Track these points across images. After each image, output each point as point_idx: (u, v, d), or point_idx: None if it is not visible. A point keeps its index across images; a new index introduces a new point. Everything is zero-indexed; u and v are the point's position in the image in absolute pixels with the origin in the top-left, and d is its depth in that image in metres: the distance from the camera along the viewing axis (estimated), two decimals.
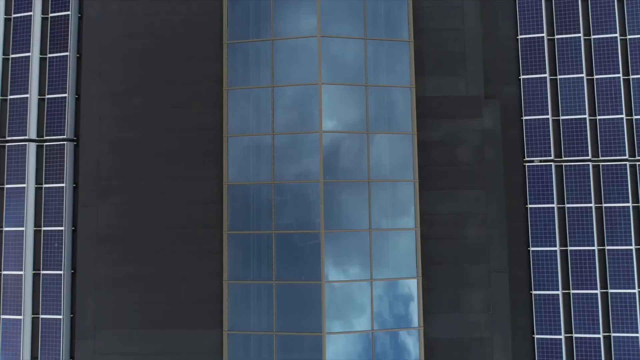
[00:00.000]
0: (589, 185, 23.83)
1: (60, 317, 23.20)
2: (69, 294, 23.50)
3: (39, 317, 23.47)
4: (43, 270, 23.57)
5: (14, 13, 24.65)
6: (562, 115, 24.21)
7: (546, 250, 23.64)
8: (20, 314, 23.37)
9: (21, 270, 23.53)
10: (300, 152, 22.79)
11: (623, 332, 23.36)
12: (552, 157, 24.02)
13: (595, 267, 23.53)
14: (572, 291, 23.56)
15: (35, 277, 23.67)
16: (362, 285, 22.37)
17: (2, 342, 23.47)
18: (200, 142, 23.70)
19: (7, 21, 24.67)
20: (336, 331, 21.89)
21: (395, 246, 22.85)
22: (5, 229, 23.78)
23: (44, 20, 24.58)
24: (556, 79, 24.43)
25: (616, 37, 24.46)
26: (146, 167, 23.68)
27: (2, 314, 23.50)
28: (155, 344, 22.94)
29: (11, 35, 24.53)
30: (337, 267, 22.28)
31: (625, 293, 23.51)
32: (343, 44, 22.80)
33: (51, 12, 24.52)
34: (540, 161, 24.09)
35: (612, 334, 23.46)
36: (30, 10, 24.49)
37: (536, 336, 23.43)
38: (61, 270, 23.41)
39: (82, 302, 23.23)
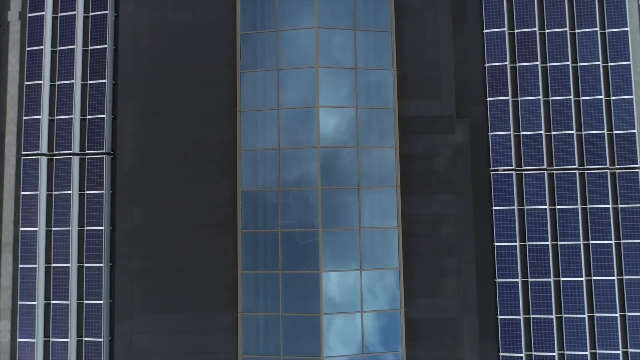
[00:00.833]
0: (544, 190, 28.61)
1: (101, 302, 28.04)
2: (108, 283, 28.34)
3: (83, 303, 28.35)
4: (86, 263, 28.43)
5: (60, 46, 29.47)
6: (522, 131, 29.00)
7: (508, 245, 28.44)
8: (67, 300, 28.24)
9: (68, 263, 28.38)
10: (302, 160, 27.61)
11: (572, 313, 28.13)
12: (513, 167, 28.83)
13: (549, 259, 28.34)
14: (529, 279, 28.37)
15: (80, 269, 28.54)
16: (354, 275, 27.18)
17: (53, 324, 28.31)
18: (217, 155, 28.52)
19: (53, 53, 29.49)
20: (331, 312, 26.70)
21: (381, 242, 27.67)
22: (54, 228, 28.63)
23: (84, 52, 29.39)
24: (517, 100, 29.22)
25: (568, 65, 29.23)
26: (171, 175, 28.50)
27: (52, 300, 28.38)
28: (181, 324, 27.77)
29: (57, 65, 29.35)
30: (333, 260, 27.08)
31: (574, 281, 28.29)
32: (338, 75, 27.58)
33: (91, 45, 29.33)
34: (504, 170, 28.89)
35: (564, 315, 28.26)
36: (73, 44, 29.29)
37: (499, 317, 28.23)
38: (101, 262, 28.26)
39: (119, 289, 28.09)
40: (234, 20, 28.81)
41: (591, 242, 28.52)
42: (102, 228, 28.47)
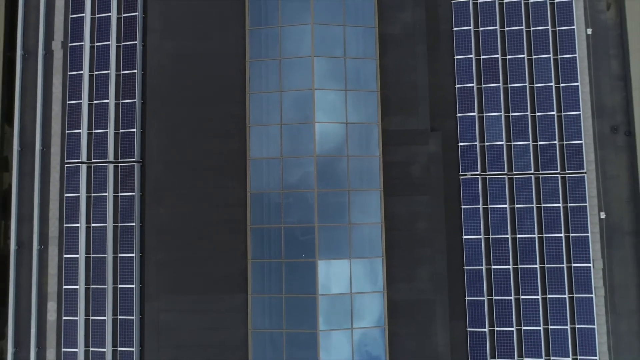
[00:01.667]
0: (505, 192, 34.41)
1: (133, 286, 33.93)
2: (138, 270, 34.21)
3: (117, 287, 34.23)
4: (120, 253, 34.32)
5: (96, 71, 35.35)
6: (487, 142, 34.79)
7: (474, 238, 34.24)
8: (104, 284, 34.13)
9: (105, 253, 34.27)
10: (301, 167, 33.47)
11: (528, 295, 33.92)
12: (479, 172, 34.64)
13: (509, 250, 34.14)
14: (492, 267, 34.16)
15: (114, 258, 34.42)
16: (344, 263, 32.99)
17: (92, 305, 34.18)
18: (230, 162, 34.35)
19: (90, 77, 35.36)
20: (325, 293, 32.54)
21: (367, 236, 33.49)
22: (92, 225, 34.51)
23: (117, 76, 35.27)
24: (482, 116, 35.01)
25: (526, 86, 35.03)
26: (191, 180, 34.35)
27: (92, 285, 34.25)
28: (200, 304, 33.61)
29: (94, 87, 35.23)
30: (327, 250, 32.91)
31: (530, 268, 34.06)
32: (331, 97, 33.43)
33: (123, 70, 35.21)
34: (471, 175, 34.69)
35: (521, 297, 34.05)
36: (108, 69, 35.17)
37: (467, 298, 34.03)
38: (133, 253, 34.16)
39: (148, 276, 33.97)
40: (243, 49, 34.67)
41: (544, 235, 34.29)
42: (133, 224, 34.38)
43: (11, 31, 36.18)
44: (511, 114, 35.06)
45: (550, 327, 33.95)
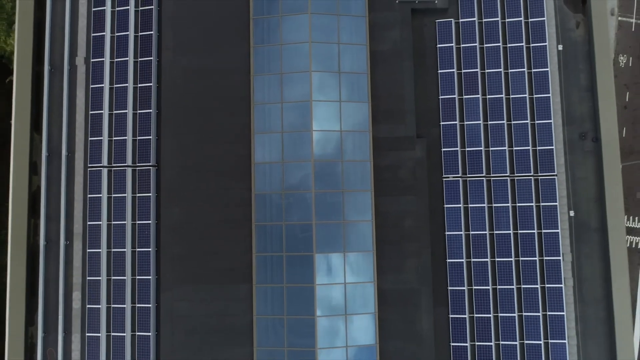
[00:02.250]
0: (483, 192, 38.75)
1: (150, 277, 38.29)
2: (154, 263, 38.57)
3: (135, 278, 38.59)
4: (138, 248, 38.69)
5: (116, 84, 39.71)
6: (467, 147, 39.12)
7: (456, 234, 38.56)
8: (124, 276, 38.48)
9: (124, 248, 38.62)
10: (300, 170, 37.82)
11: (504, 285, 38.21)
12: (460, 175, 38.97)
13: (487, 245, 38.44)
14: (472, 260, 38.47)
15: (133, 253, 38.78)
16: (339, 256, 37.31)
17: (113, 294, 38.55)
18: (236, 166, 38.69)
19: (110, 89, 39.75)
20: (322, 283, 36.86)
21: (359, 232, 37.81)
22: (113, 222, 38.88)
23: (134, 89, 39.64)
24: (463, 124, 39.34)
25: (502, 97, 39.35)
26: (202, 183, 38.70)
27: (113, 276, 38.61)
28: (210, 293, 37.94)
29: (114, 99, 39.62)
30: (323, 244, 37.22)
31: (506, 261, 38.36)
32: (327, 107, 37.76)
33: (140, 83, 39.59)
34: (453, 177, 39.03)
35: (498, 287, 38.37)
36: (126, 82, 39.55)
37: (449, 288, 38.34)
38: (149, 248, 38.52)
39: (163, 268, 38.32)
40: (248, 65, 39.02)
41: (519, 231, 38.60)
42: (150, 222, 38.75)
43: (39, 48, 40.51)
44: (489, 122, 39.37)
45: (524, 314, 38.25)
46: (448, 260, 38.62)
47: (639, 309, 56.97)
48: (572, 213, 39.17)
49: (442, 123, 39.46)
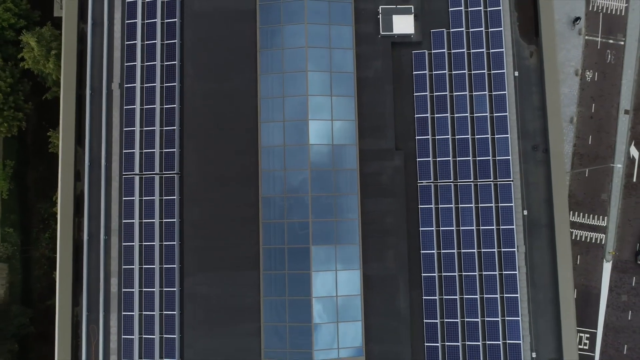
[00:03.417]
0: (451, 195, 48.05)
1: (175, 266, 47.75)
2: (178, 254, 47.98)
3: (163, 267, 48.02)
4: (165, 242, 48.13)
5: (145, 105, 49.17)
6: (438, 158, 48.43)
7: (429, 230, 47.87)
8: (153, 265, 47.93)
9: (154, 242, 48.08)
10: (299, 176, 47.22)
11: (468, 272, 47.49)
12: (432, 180, 48.32)
13: (454, 238, 47.75)
14: (442, 251, 47.79)
15: (160, 246, 48.20)
16: (331, 248, 46.65)
17: (145, 280, 48.00)
18: (246, 174, 48.05)
19: (141, 110, 49.19)
20: (317, 270, 46.20)
21: (348, 228, 47.15)
22: (144, 220, 48.34)
23: (161, 109, 49.06)
24: (435, 138, 48.65)
25: (467, 115, 48.65)
26: (218, 187, 48.08)
27: (144, 265, 48.04)
28: (225, 279, 47.34)
29: (144, 117, 49.04)
30: (318, 239, 46.57)
31: (470, 252, 47.64)
32: (321, 126, 47.14)
33: (165, 105, 49.05)
34: (426, 182, 48.38)
35: (463, 273, 47.65)
36: (154, 104, 49.00)
37: (423, 274, 47.67)
38: (174, 241, 47.99)
39: (186, 258, 47.76)
40: (255, 89, 48.43)
41: (481, 227, 47.94)
42: (175, 220, 48.23)
43: (81, 75, 49.91)
44: (456, 137, 48.73)
45: (485, 296, 47.56)
46: (422, 252, 47.97)
47: (603, 294, 66.76)
48: (525, 212, 48.46)
49: (417, 137, 48.84)
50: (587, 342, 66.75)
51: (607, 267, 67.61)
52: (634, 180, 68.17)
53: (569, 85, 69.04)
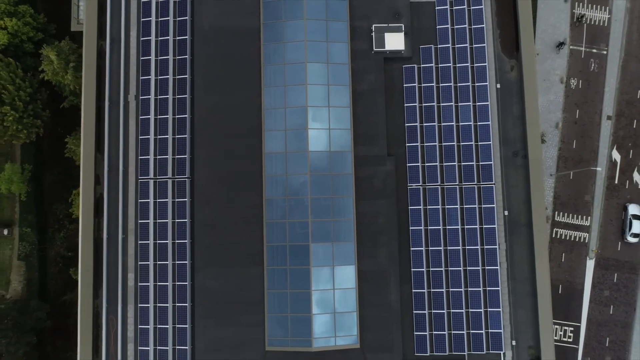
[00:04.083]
0: (438, 197, 53.92)
1: (186, 262, 53.67)
2: (189, 251, 53.88)
3: (175, 263, 53.95)
4: (177, 240, 54.06)
5: (159, 115, 55.07)
6: (426, 163, 54.34)
7: (418, 229, 53.76)
8: (167, 261, 53.85)
9: (167, 240, 54.02)
10: (299, 180, 53.14)
11: (454, 267, 53.36)
12: (421, 184, 54.21)
13: (441, 237, 53.63)
14: (430, 248, 53.68)
15: (173, 244, 54.13)
16: (328, 246, 52.55)
17: (159, 275, 53.91)
18: (251, 178, 53.98)
19: (155, 119, 55.10)
20: (316, 265, 52.08)
21: (344, 227, 53.05)
22: (158, 220, 54.29)
23: (173, 119, 55.00)
24: (424, 145, 54.54)
25: (453, 124, 54.52)
26: (225, 190, 54.02)
27: (158, 261, 53.96)
28: (232, 274, 53.26)
29: (158, 126, 54.97)
30: (317, 237, 52.47)
31: (455, 249, 53.52)
32: (319, 135, 53.04)
33: (177, 115, 54.98)
34: (415, 185, 54.26)
35: (449, 268, 53.53)
36: (167, 114, 54.93)
37: (412, 269, 53.58)
38: (186, 240, 53.91)
39: (197, 254, 53.70)
40: (259, 101, 54.35)
41: (465, 226, 53.81)
42: (186, 220, 54.18)
43: (100, 88, 55.90)
44: (443, 144, 54.64)
45: (469, 289, 53.44)
46: (411, 249, 53.90)
47: (587, 290, 72.45)
48: (506, 212, 54.33)
49: (407, 144, 54.75)
50: (572, 335, 72.61)
51: (590, 265, 73.52)
52: (616, 182, 74.06)
53: (554, 92, 75.01)
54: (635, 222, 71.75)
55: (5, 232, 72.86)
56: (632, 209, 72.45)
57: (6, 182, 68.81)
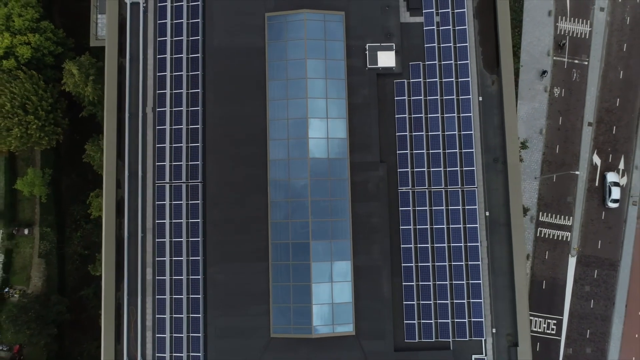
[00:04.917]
0: (426, 199, 61.75)
1: (199, 258, 61.53)
2: (202, 248, 61.72)
3: (189, 259, 61.78)
4: (191, 238, 61.85)
5: (174, 125, 62.88)
6: (415, 169, 62.13)
7: (407, 228, 61.57)
8: (181, 257, 61.67)
9: (181, 238, 61.86)
10: (300, 183, 60.99)
11: (440, 262, 61.16)
12: (410, 187, 62.04)
13: (428, 235, 61.46)
14: (418, 245, 61.50)
15: (187, 242, 61.94)
16: (327, 243, 60.36)
17: (174, 270, 61.70)
18: (257, 182, 61.80)
19: (171, 130, 62.91)
20: (315, 261, 59.88)
21: (341, 227, 60.88)
22: (173, 220, 62.13)
23: (187, 129, 62.81)
24: (413, 152, 62.33)
25: (439, 134, 62.30)
26: (234, 193, 61.84)
27: (174, 257, 61.77)
28: (240, 268, 61.10)
29: (173, 136, 62.82)
30: (317, 236, 60.30)
31: (441, 246, 61.31)
32: (318, 143, 60.86)
33: (190, 125, 62.81)
34: (405, 189, 62.09)
35: (436, 264, 61.31)
36: (182, 125, 62.74)
37: (403, 264, 61.41)
38: (199, 238, 61.75)
39: (208, 251, 61.53)
40: (265, 112, 62.15)
41: (450, 226, 61.62)
42: (199, 220, 62.04)
43: (120, 101, 63.70)
44: (430, 151, 62.48)
45: (453, 282, 61.23)
46: (402, 246, 61.75)
47: (569, 285, 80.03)
48: (487, 213, 62.13)
49: (398, 152, 62.61)
50: (555, 327, 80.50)
51: (572, 262, 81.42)
52: (596, 184, 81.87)
53: (539, 100, 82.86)
54: (614, 189, 79.80)
55: (26, 231, 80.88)
56: (611, 177, 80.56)
57: (29, 185, 76.65)
